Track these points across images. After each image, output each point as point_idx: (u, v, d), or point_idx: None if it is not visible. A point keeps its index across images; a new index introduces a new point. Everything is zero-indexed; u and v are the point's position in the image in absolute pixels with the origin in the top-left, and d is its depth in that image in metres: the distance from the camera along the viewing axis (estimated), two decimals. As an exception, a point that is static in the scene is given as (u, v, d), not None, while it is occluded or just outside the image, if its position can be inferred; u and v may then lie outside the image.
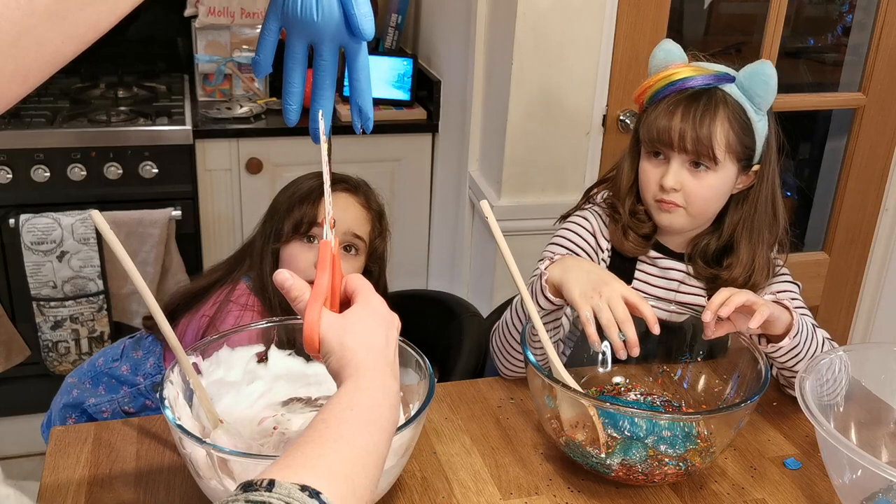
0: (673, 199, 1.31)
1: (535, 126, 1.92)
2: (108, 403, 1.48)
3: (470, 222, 2.19)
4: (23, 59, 0.54)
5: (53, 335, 2.27)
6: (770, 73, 1.26)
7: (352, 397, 0.71)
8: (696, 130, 1.26)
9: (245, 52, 2.51)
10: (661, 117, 1.29)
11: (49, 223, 2.15)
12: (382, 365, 0.76)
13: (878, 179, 2.24)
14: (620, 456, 1.09)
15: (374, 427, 0.70)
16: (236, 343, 1.10)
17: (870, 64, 2.11)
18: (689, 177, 1.29)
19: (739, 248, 1.34)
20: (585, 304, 1.15)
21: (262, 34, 0.84)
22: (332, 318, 0.77)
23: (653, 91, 1.33)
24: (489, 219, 1.11)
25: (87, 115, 2.30)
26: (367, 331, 0.77)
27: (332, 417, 0.69)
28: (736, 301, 1.13)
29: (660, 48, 1.34)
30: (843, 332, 2.43)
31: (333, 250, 0.81)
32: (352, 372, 0.74)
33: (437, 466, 1.14)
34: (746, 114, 1.28)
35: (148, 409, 1.48)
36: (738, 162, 1.30)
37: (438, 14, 2.44)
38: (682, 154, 1.29)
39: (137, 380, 1.48)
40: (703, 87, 1.29)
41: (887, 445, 1.18)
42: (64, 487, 1.06)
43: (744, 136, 1.29)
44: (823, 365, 1.13)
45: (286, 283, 0.79)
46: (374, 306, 0.80)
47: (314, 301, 0.77)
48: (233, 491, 0.60)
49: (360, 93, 0.87)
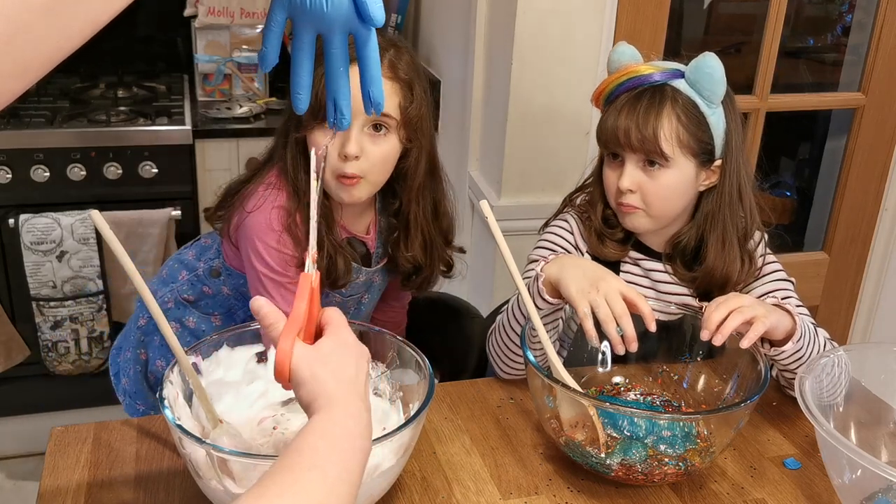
0: (631, 202, 1.30)
1: (534, 126, 1.92)
2: (169, 293, 1.49)
3: (470, 222, 2.19)
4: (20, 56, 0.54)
5: (53, 335, 2.27)
6: (713, 65, 1.25)
7: (324, 427, 0.72)
8: (640, 127, 1.26)
9: (245, 51, 2.51)
10: (609, 118, 1.30)
11: (49, 223, 2.15)
12: (353, 395, 0.76)
13: (878, 179, 2.24)
14: (620, 456, 1.09)
15: (346, 456, 0.71)
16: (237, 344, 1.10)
17: (869, 64, 2.11)
18: (644, 176, 1.29)
19: (708, 244, 1.33)
20: (583, 300, 1.15)
21: (268, 25, 0.83)
22: (304, 349, 0.77)
23: (606, 93, 1.33)
24: (489, 219, 1.11)
25: (86, 115, 2.30)
26: (338, 362, 0.77)
27: (306, 447, 0.69)
28: (731, 325, 1.13)
29: (614, 51, 1.34)
30: (843, 331, 2.43)
31: (314, 283, 0.81)
32: (324, 403, 0.74)
33: (437, 466, 1.14)
34: (698, 108, 1.27)
35: (206, 297, 1.48)
36: (694, 157, 1.29)
37: (438, 14, 2.44)
38: (633, 153, 1.29)
39: (198, 265, 1.49)
40: (652, 84, 1.28)
41: (887, 445, 1.18)
42: (64, 487, 1.06)
43: (697, 131, 1.27)
44: (823, 365, 1.13)
45: (261, 310, 0.80)
46: (344, 338, 0.81)
47: (289, 331, 0.77)
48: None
49: (372, 79, 0.87)
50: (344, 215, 1.40)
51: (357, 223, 1.44)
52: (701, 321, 1.16)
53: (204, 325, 1.48)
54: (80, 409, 2.41)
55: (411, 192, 1.41)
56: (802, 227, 2.46)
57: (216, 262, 1.47)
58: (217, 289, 1.47)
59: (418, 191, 1.41)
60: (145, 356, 1.51)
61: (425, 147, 1.39)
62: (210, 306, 1.49)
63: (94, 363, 2.36)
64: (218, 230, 1.45)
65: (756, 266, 1.36)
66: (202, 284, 1.48)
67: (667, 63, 1.32)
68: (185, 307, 1.49)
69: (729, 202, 1.33)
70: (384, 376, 1.15)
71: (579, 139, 1.96)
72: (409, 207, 1.42)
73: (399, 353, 1.12)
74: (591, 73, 1.90)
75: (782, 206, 2.55)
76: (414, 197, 1.41)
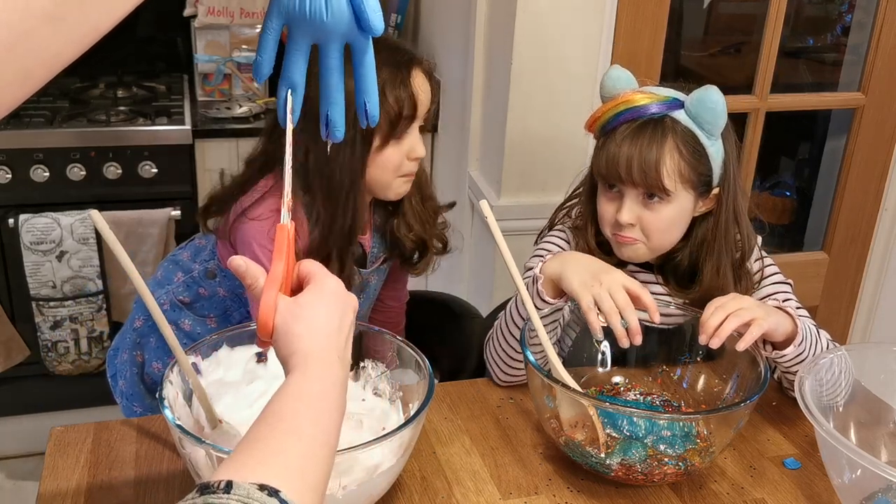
0: (630, 235, 1.28)
1: (534, 126, 1.92)
2: (164, 295, 1.48)
3: (469, 222, 2.19)
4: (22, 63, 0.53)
5: (53, 335, 2.27)
6: (716, 100, 1.22)
7: (300, 388, 0.71)
8: (644, 164, 1.22)
9: (244, 51, 2.51)
10: (608, 150, 1.26)
11: (48, 223, 2.15)
12: (331, 353, 0.75)
13: (878, 179, 2.24)
14: (620, 456, 1.09)
15: (324, 417, 0.70)
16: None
17: (869, 64, 2.11)
18: (644, 210, 1.26)
19: (704, 271, 1.31)
20: (586, 292, 1.15)
21: (264, 34, 0.81)
22: (285, 302, 0.76)
23: (602, 121, 1.29)
24: (489, 219, 1.11)
25: (86, 115, 2.30)
26: (318, 316, 0.76)
27: (283, 410, 0.69)
28: (728, 329, 1.13)
29: (607, 76, 1.30)
30: (843, 331, 2.43)
31: (290, 235, 0.79)
32: (299, 361, 0.73)
33: (437, 466, 1.14)
34: (698, 140, 1.24)
35: (202, 299, 1.48)
36: (693, 189, 1.26)
37: (438, 14, 2.44)
38: (634, 188, 1.26)
39: (193, 266, 1.49)
40: (652, 116, 1.25)
41: (887, 445, 1.18)
42: (63, 487, 1.06)
43: (697, 164, 1.25)
44: (823, 365, 1.13)
45: (240, 268, 0.78)
46: (330, 288, 0.78)
47: (270, 286, 0.76)
48: (190, 495, 0.59)
49: (368, 90, 0.85)
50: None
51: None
52: (699, 322, 1.16)
53: (199, 328, 1.48)
54: (80, 409, 2.41)
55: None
56: (802, 227, 2.46)
57: (211, 263, 1.47)
58: (213, 290, 1.47)
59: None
60: (141, 358, 1.51)
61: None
62: (206, 308, 1.49)
63: (93, 363, 2.35)
64: (212, 229, 1.44)
65: (753, 282, 1.35)
66: (198, 286, 1.48)
67: (664, 91, 1.28)
68: (180, 309, 1.49)
69: (725, 230, 1.30)
70: (384, 376, 1.15)
71: (579, 139, 1.96)
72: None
73: (399, 353, 1.12)
74: (591, 74, 1.90)
75: (782, 206, 2.55)
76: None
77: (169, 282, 1.50)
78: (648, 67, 1.92)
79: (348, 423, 1.07)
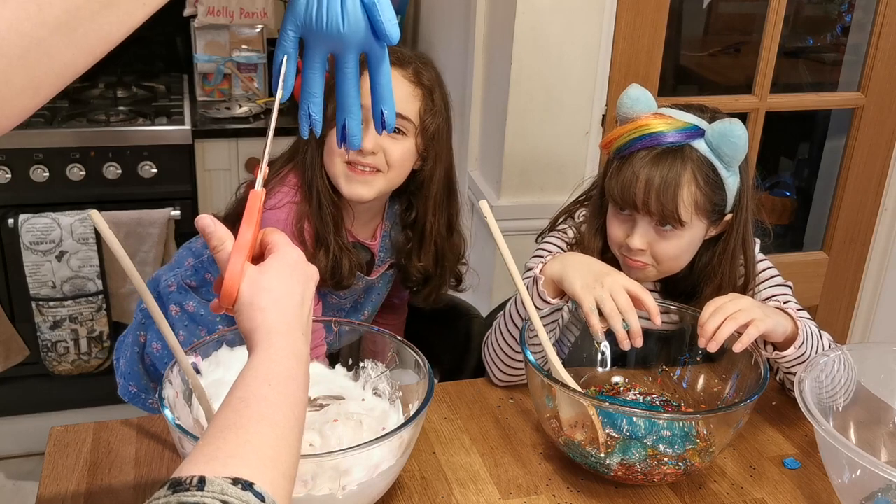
0: (641, 259, 1.27)
1: (534, 126, 1.92)
2: (173, 277, 1.51)
3: (469, 222, 2.19)
4: (33, 72, 0.53)
5: (52, 335, 2.27)
6: (739, 135, 1.19)
7: (267, 369, 0.69)
8: (661, 196, 1.20)
9: (244, 51, 2.51)
10: (625, 177, 1.23)
11: (48, 223, 2.15)
12: (295, 328, 0.73)
13: (877, 179, 2.24)
14: (619, 455, 1.09)
15: (292, 400, 0.68)
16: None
17: (869, 64, 2.11)
18: (656, 236, 1.25)
19: (704, 292, 1.31)
20: (588, 294, 1.15)
21: (280, 46, 0.81)
22: (252, 272, 0.74)
23: (618, 144, 1.26)
24: (488, 218, 1.11)
25: (86, 115, 2.30)
26: (281, 288, 0.74)
27: (251, 395, 0.67)
28: (726, 332, 1.12)
29: (626, 95, 1.26)
30: (842, 331, 2.43)
31: (261, 201, 0.78)
32: (263, 337, 0.72)
33: (437, 466, 1.14)
34: (716, 170, 1.22)
35: (208, 284, 1.50)
36: (707, 218, 1.25)
37: (438, 14, 2.44)
38: (648, 215, 1.24)
39: (204, 252, 1.51)
40: (671, 145, 1.22)
41: (886, 445, 1.18)
42: (63, 487, 1.06)
43: (713, 194, 1.23)
44: (823, 365, 1.13)
45: (207, 228, 0.77)
46: (291, 259, 0.77)
47: (238, 252, 0.74)
48: (161, 492, 0.57)
49: (384, 98, 0.86)
50: (355, 220, 1.42)
51: (364, 229, 1.46)
52: (698, 323, 1.16)
53: (203, 310, 1.50)
54: (80, 409, 2.42)
55: (428, 203, 1.43)
56: (802, 227, 2.46)
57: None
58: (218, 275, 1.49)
59: (435, 204, 1.44)
60: (144, 338, 1.53)
61: (442, 161, 1.42)
62: (211, 293, 1.50)
63: (93, 363, 2.35)
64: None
65: (753, 295, 1.34)
66: (205, 271, 1.50)
67: (683, 116, 1.24)
68: (186, 292, 1.51)
69: (732, 257, 1.30)
70: (384, 376, 1.15)
71: (579, 139, 1.96)
72: (426, 219, 1.44)
73: (399, 353, 1.12)
74: (591, 74, 1.90)
75: (782, 206, 2.55)
76: (430, 209, 1.44)
77: (179, 266, 1.53)
78: (648, 67, 1.92)
79: (348, 423, 1.07)
